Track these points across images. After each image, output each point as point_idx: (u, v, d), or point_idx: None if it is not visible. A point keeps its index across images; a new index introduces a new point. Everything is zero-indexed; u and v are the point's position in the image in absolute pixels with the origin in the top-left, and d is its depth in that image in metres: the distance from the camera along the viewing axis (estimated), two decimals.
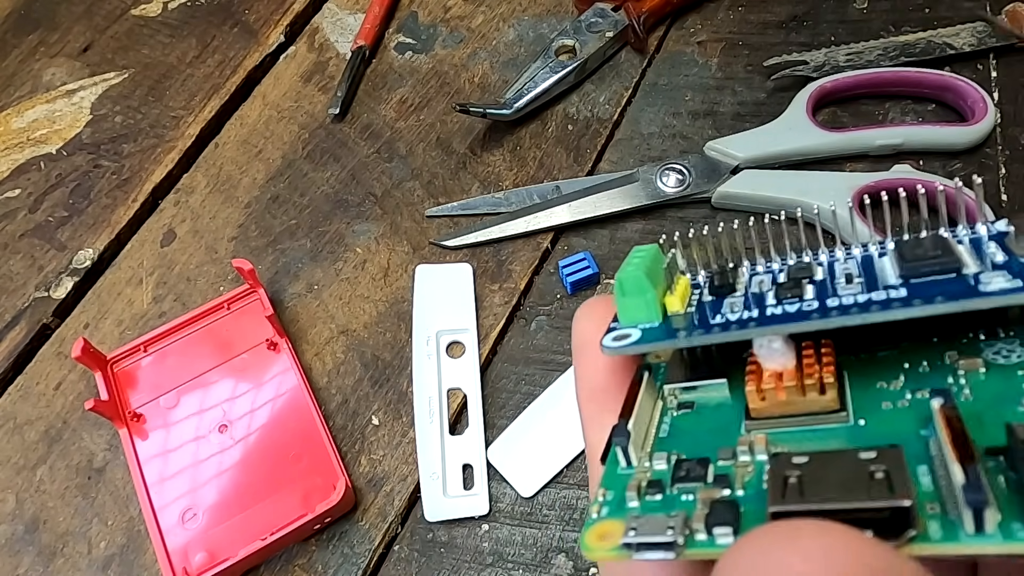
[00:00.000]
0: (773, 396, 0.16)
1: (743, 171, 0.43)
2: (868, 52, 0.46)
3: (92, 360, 0.39)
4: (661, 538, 0.14)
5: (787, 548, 0.12)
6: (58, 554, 0.37)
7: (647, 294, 0.17)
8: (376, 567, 0.36)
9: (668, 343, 0.17)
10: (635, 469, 0.16)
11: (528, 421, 0.38)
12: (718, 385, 0.17)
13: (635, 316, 0.17)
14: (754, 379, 0.16)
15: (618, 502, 0.16)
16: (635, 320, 0.17)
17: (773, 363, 0.16)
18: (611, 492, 0.16)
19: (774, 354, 0.16)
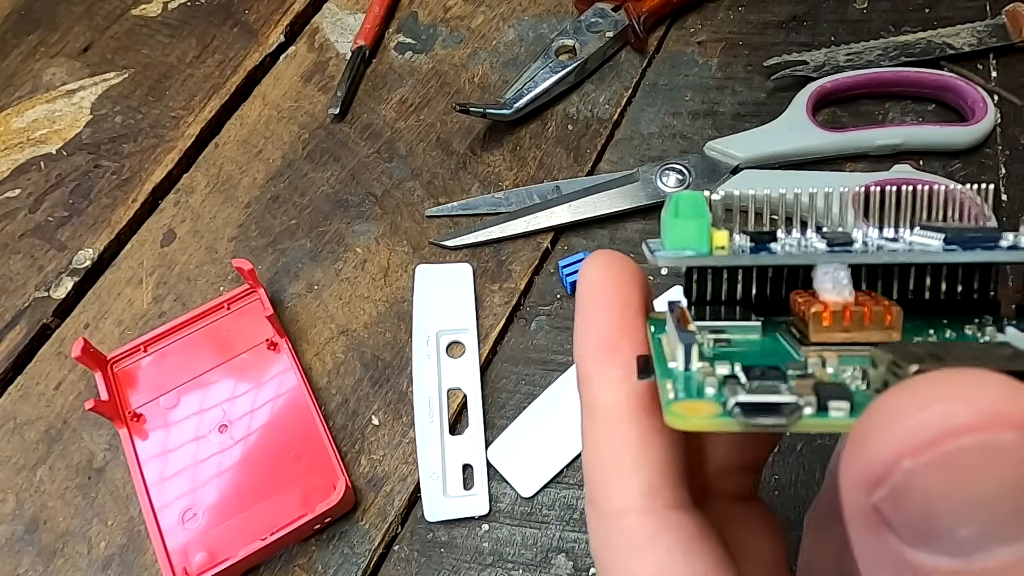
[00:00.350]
0: (839, 321, 0.16)
1: (743, 171, 0.43)
2: (868, 52, 0.46)
3: (92, 360, 0.39)
4: (780, 398, 0.13)
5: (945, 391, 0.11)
6: (58, 554, 0.37)
7: (702, 219, 0.17)
8: (376, 567, 0.36)
9: (733, 260, 0.16)
10: (695, 371, 0.15)
11: (528, 421, 0.38)
12: (752, 327, 0.17)
13: (684, 239, 0.17)
14: (818, 305, 0.16)
15: (696, 388, 0.15)
16: (682, 244, 0.17)
17: (835, 293, 0.16)
18: (679, 383, 0.15)
19: (838, 284, 0.16)
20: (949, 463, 0.11)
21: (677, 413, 0.14)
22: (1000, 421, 0.11)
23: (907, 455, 0.11)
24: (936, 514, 0.11)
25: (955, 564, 0.12)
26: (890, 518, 0.12)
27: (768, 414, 0.14)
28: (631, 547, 0.17)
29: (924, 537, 0.12)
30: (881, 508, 0.12)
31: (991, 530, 0.11)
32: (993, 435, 0.11)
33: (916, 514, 0.12)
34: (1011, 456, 0.11)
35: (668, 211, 0.17)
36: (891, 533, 0.12)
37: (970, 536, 0.11)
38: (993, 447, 0.11)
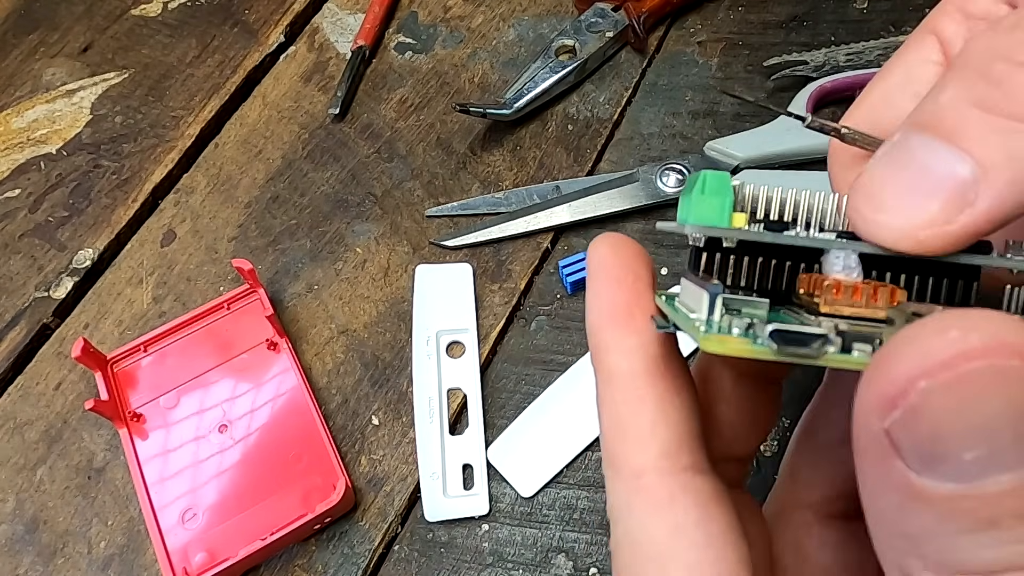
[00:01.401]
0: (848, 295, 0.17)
1: (743, 171, 0.43)
2: (868, 52, 0.46)
3: (92, 360, 0.39)
4: (811, 329, 0.15)
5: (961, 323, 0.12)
6: (58, 554, 0.37)
7: (726, 197, 0.18)
8: (376, 567, 0.36)
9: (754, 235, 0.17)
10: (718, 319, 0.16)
11: (528, 421, 0.38)
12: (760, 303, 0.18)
13: (706, 216, 0.18)
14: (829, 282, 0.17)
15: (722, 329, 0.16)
16: (704, 220, 0.18)
17: (844, 275, 0.17)
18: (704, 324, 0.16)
19: (848, 267, 0.17)
20: (961, 384, 0.12)
21: (711, 340, 0.15)
22: (1007, 350, 0.12)
23: (924, 375, 0.12)
24: (944, 437, 0.12)
25: (957, 489, 0.13)
26: (900, 442, 0.13)
27: (799, 344, 0.15)
28: (650, 507, 0.18)
29: (931, 461, 0.13)
30: (892, 431, 0.13)
31: (993, 456, 0.12)
32: (1002, 360, 0.12)
33: (926, 437, 0.13)
34: (1014, 381, 0.12)
35: (695, 188, 0.18)
36: (898, 459, 0.13)
37: (974, 460, 0.12)
38: (1000, 371, 0.12)
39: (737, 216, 0.18)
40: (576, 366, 0.39)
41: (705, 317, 0.16)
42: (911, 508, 0.13)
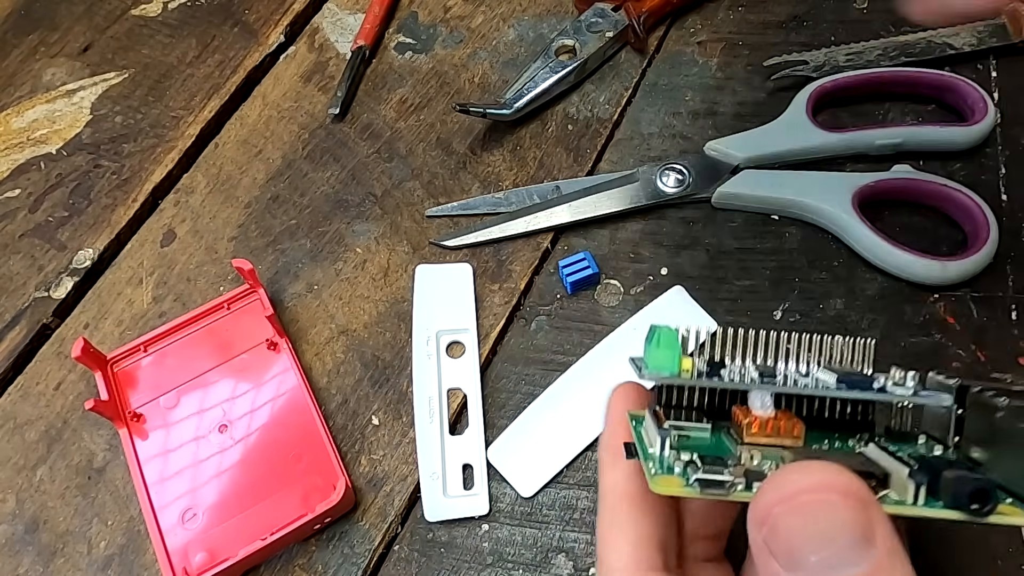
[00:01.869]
0: (763, 430, 0.23)
1: (743, 171, 0.43)
2: (868, 52, 0.46)
3: (92, 360, 0.39)
4: (723, 478, 0.21)
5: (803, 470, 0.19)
6: (58, 554, 0.37)
7: (676, 350, 0.23)
8: (376, 567, 0.36)
9: (694, 382, 0.23)
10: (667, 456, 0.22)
11: (528, 421, 0.38)
12: (703, 428, 0.24)
13: (661, 364, 0.23)
14: (750, 418, 0.23)
15: (668, 467, 0.22)
16: (660, 367, 0.23)
17: (761, 411, 0.24)
18: (656, 464, 0.22)
19: (764, 405, 0.24)
20: (799, 509, 0.18)
21: (658, 483, 0.22)
22: (828, 488, 0.19)
23: (776, 504, 0.19)
24: (795, 544, 0.18)
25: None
26: (771, 547, 0.19)
27: (716, 487, 0.21)
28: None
29: (792, 563, 0.19)
30: (765, 540, 0.19)
31: (831, 558, 0.18)
32: (825, 495, 0.18)
33: (783, 544, 0.19)
34: (836, 508, 0.18)
35: (651, 340, 0.23)
36: (773, 560, 0.19)
37: (818, 562, 0.18)
38: (825, 502, 0.18)
39: (685, 360, 0.23)
40: (576, 366, 0.39)
41: (658, 453, 0.22)
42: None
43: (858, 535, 0.18)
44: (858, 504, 0.18)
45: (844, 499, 0.18)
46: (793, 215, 0.42)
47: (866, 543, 0.18)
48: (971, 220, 0.40)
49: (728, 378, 0.23)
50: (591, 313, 0.41)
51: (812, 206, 0.41)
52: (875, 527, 0.18)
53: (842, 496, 0.18)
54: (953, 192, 0.40)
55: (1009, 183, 0.42)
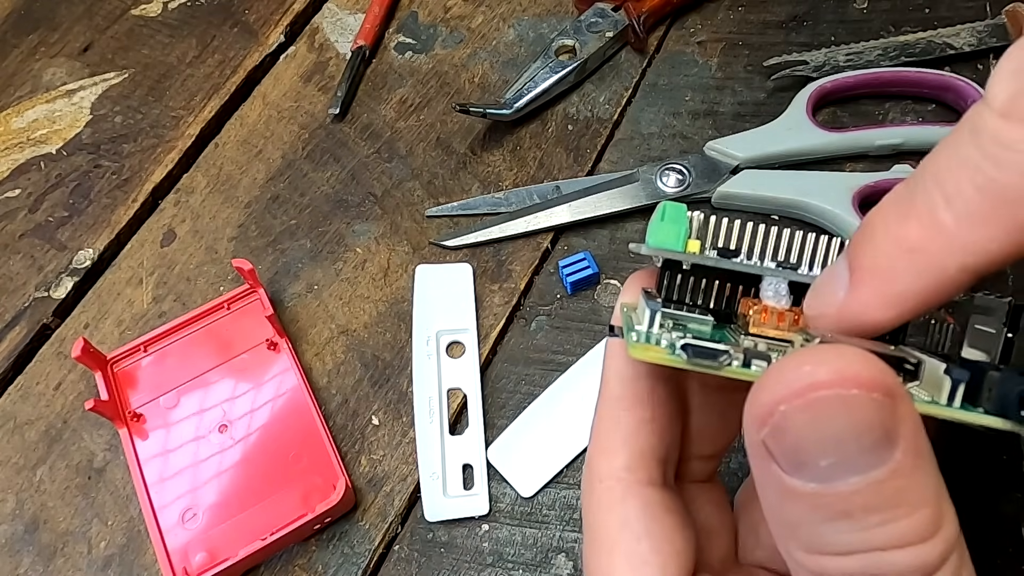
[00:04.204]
0: (773, 319, 0.20)
1: (743, 171, 0.43)
2: (868, 52, 0.46)
3: (92, 360, 0.39)
4: (717, 346, 0.18)
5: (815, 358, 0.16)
6: (58, 554, 0.37)
7: (681, 225, 0.20)
8: (376, 567, 0.36)
9: (698, 259, 0.21)
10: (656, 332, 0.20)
11: (528, 421, 0.38)
12: (705, 320, 0.21)
13: (664, 240, 0.21)
14: (758, 306, 0.20)
15: (653, 340, 0.19)
16: (663, 243, 0.21)
17: (774, 301, 0.20)
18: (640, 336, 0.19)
19: (778, 293, 0.20)
20: (811, 408, 0.15)
21: (638, 348, 0.18)
22: (849, 381, 0.15)
23: (782, 401, 0.16)
24: (802, 448, 0.16)
25: (818, 488, 0.16)
26: (772, 450, 0.16)
27: (707, 357, 0.18)
28: (605, 505, 0.22)
29: (796, 466, 0.16)
30: (766, 442, 0.16)
31: (843, 462, 0.16)
32: (844, 390, 0.15)
33: (789, 447, 0.16)
34: (855, 406, 0.15)
35: (655, 216, 0.21)
36: (773, 463, 0.16)
37: (829, 466, 0.16)
38: (842, 399, 0.15)
39: (692, 243, 0.21)
40: (576, 366, 0.39)
41: (644, 329, 0.19)
42: (786, 502, 0.17)
43: (878, 435, 0.15)
44: (883, 398, 0.15)
45: (867, 394, 0.15)
46: (793, 215, 0.42)
47: (888, 444, 0.16)
48: None
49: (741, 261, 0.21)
50: (591, 313, 0.41)
51: (812, 206, 0.41)
52: (899, 425, 0.16)
53: (865, 390, 0.15)
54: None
55: None
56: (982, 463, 0.34)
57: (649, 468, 0.23)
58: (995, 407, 0.17)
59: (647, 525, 0.22)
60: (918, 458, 0.16)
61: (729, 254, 0.21)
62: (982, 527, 0.33)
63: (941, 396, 0.18)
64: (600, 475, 0.23)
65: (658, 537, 0.22)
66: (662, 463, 0.23)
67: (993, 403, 0.18)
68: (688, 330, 0.21)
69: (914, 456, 0.16)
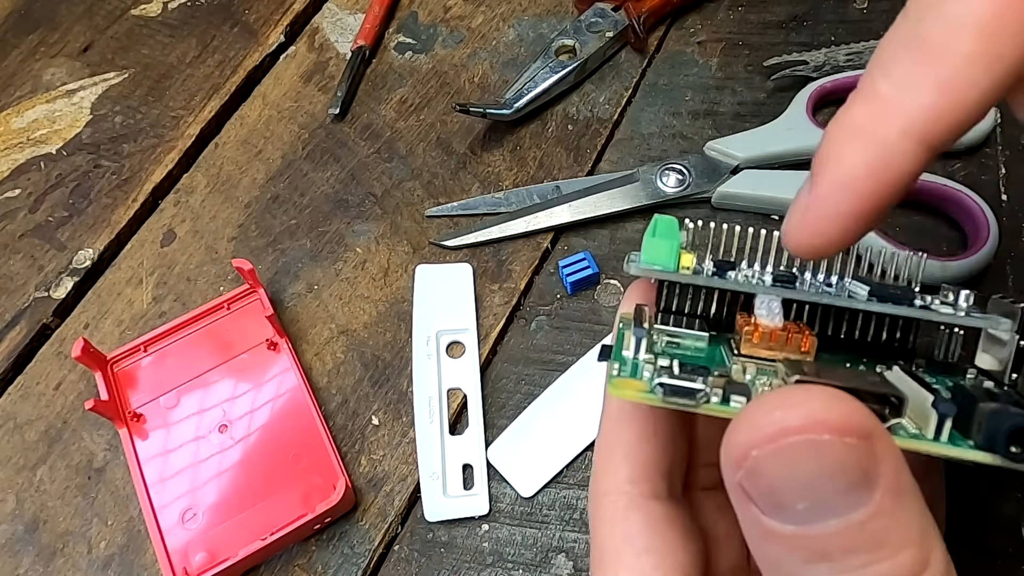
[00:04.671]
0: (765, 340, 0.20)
1: (743, 171, 0.43)
2: (868, 52, 0.46)
3: (92, 360, 0.39)
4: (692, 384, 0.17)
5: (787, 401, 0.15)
6: (58, 554, 0.37)
7: (674, 240, 0.20)
8: (376, 567, 0.36)
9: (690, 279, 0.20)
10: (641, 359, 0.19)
11: (528, 421, 0.38)
12: (701, 336, 0.21)
13: (656, 256, 0.20)
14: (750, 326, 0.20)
15: (637, 371, 0.18)
16: (655, 260, 0.20)
17: (767, 319, 0.20)
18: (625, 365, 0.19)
19: (771, 312, 0.20)
20: (782, 454, 0.15)
21: (616, 385, 0.18)
22: (820, 425, 0.15)
23: (754, 445, 0.16)
24: (778, 491, 0.16)
25: (796, 530, 0.16)
26: (749, 492, 0.16)
27: (683, 396, 0.17)
28: (608, 519, 0.22)
29: (773, 508, 0.16)
30: (742, 484, 0.16)
31: (821, 505, 0.15)
32: (815, 435, 0.15)
33: (764, 491, 0.16)
34: (827, 451, 0.15)
35: (648, 230, 0.20)
36: (752, 504, 0.16)
37: (805, 509, 0.15)
38: (813, 444, 0.15)
39: (686, 256, 0.20)
40: (576, 366, 0.39)
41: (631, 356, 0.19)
42: (765, 541, 0.17)
43: (855, 478, 0.15)
44: (857, 441, 0.15)
45: (839, 437, 0.15)
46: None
47: (866, 485, 0.15)
48: (971, 220, 0.40)
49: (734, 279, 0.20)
50: (591, 313, 0.41)
51: None
52: (878, 465, 0.15)
53: (837, 434, 0.15)
54: (953, 192, 0.40)
55: (1009, 183, 0.42)
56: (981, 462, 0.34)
57: (653, 481, 0.22)
58: (984, 442, 0.17)
59: (649, 540, 0.22)
60: (899, 498, 0.16)
61: (726, 266, 0.20)
62: (982, 527, 0.33)
63: (928, 430, 0.17)
64: (604, 489, 0.23)
65: (661, 552, 0.21)
66: (667, 475, 0.23)
67: (982, 437, 0.17)
68: (682, 347, 0.20)
69: (894, 496, 0.16)
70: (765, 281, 0.20)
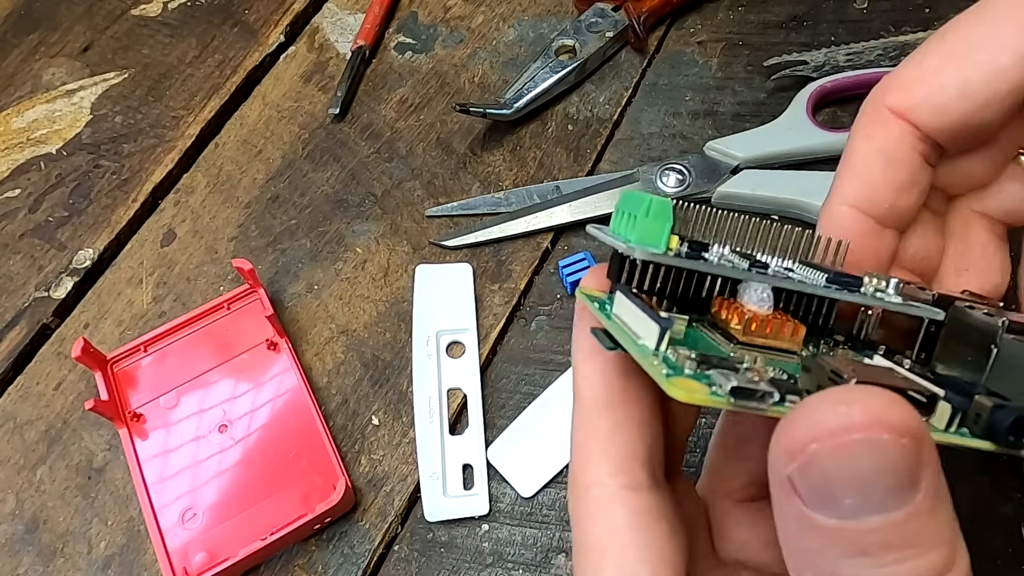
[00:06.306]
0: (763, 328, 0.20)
1: (743, 171, 0.43)
2: (868, 52, 0.46)
3: (92, 360, 0.39)
4: (757, 387, 0.18)
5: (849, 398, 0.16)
6: (58, 554, 0.37)
7: (667, 223, 0.20)
8: (376, 567, 0.36)
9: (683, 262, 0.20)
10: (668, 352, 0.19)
11: (528, 421, 0.38)
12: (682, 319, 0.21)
13: (646, 237, 0.20)
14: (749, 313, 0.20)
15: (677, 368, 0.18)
16: (644, 241, 0.20)
17: (759, 306, 0.20)
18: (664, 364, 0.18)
19: (763, 301, 0.20)
20: (842, 450, 0.16)
21: (678, 387, 0.18)
22: (880, 425, 0.16)
23: (815, 440, 0.16)
24: (829, 486, 0.16)
25: (839, 524, 0.16)
26: (797, 484, 0.16)
27: (751, 398, 0.18)
28: (590, 513, 0.22)
29: (819, 501, 0.16)
30: (792, 476, 0.16)
31: (866, 502, 0.16)
32: (875, 434, 0.16)
33: (816, 484, 0.16)
34: (885, 450, 0.16)
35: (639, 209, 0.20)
36: (797, 496, 0.17)
37: (852, 504, 0.16)
38: (874, 443, 0.16)
39: (673, 238, 0.20)
40: None
41: (652, 348, 0.19)
42: (805, 533, 0.17)
43: (903, 478, 0.16)
44: (911, 444, 0.16)
45: (897, 439, 0.16)
46: (793, 215, 0.42)
47: (911, 486, 0.16)
48: None
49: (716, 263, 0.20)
50: None
51: (812, 206, 0.41)
52: (922, 468, 0.16)
53: (896, 435, 0.16)
54: None
55: None
56: (982, 463, 0.34)
57: (632, 471, 0.22)
58: (985, 432, 0.18)
59: (634, 534, 0.22)
60: (936, 500, 0.17)
61: (699, 249, 0.21)
62: (982, 527, 0.33)
63: (940, 422, 0.19)
64: (585, 484, 0.22)
65: (646, 545, 0.21)
66: (646, 464, 0.23)
67: (984, 427, 0.18)
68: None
69: (933, 499, 0.16)
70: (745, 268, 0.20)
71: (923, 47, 0.25)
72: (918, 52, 0.25)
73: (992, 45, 0.23)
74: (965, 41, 0.24)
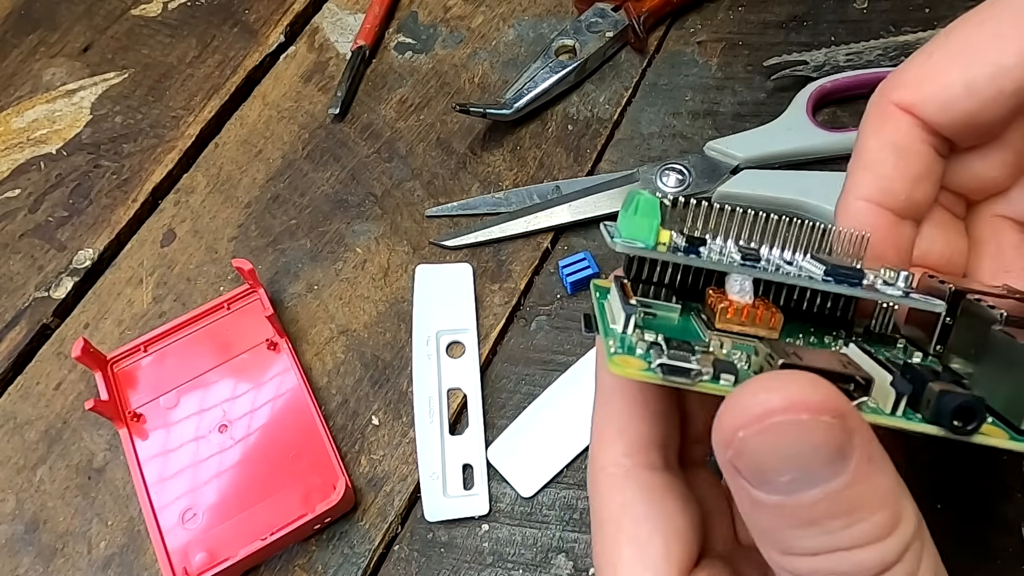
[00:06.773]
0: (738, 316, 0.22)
1: (743, 171, 0.43)
2: (868, 52, 0.46)
3: (92, 360, 0.39)
4: (689, 365, 0.19)
5: (770, 385, 0.17)
6: (58, 554, 0.37)
7: (654, 219, 0.21)
8: (376, 567, 0.36)
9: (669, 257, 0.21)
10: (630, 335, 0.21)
11: (528, 421, 0.38)
12: (672, 308, 0.23)
13: (636, 232, 0.21)
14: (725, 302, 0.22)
15: (630, 347, 0.20)
16: (635, 236, 0.21)
17: (739, 296, 0.22)
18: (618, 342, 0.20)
19: (743, 291, 0.22)
20: (766, 433, 0.17)
21: (617, 363, 0.19)
22: (799, 406, 0.17)
23: (742, 427, 0.17)
24: (763, 467, 0.18)
25: (782, 499, 0.18)
26: (739, 468, 0.18)
27: (679, 374, 0.19)
28: (607, 490, 0.24)
29: (760, 481, 0.18)
30: (732, 461, 0.18)
31: (803, 477, 0.17)
32: (794, 416, 0.17)
33: (752, 466, 0.18)
34: (806, 429, 0.17)
35: (629, 207, 0.21)
36: (741, 478, 0.18)
37: (789, 481, 0.17)
38: (794, 423, 0.17)
39: (662, 232, 0.21)
40: (576, 366, 0.39)
41: (620, 331, 0.20)
42: (756, 511, 0.19)
43: (832, 452, 0.17)
44: (833, 419, 0.17)
45: (816, 417, 0.17)
46: (793, 215, 0.42)
47: (842, 457, 0.17)
48: None
49: (707, 257, 0.21)
50: None
51: (812, 206, 0.41)
52: (851, 438, 0.17)
53: (814, 413, 0.17)
54: None
55: None
56: (982, 463, 0.34)
57: (648, 453, 0.24)
58: (932, 417, 0.19)
59: (648, 508, 0.23)
60: (871, 465, 0.18)
61: (697, 244, 0.22)
62: (982, 527, 0.33)
63: (886, 405, 0.19)
64: (601, 464, 0.24)
65: (660, 519, 0.23)
66: (660, 448, 0.24)
67: (931, 413, 0.19)
68: (656, 320, 0.22)
69: (867, 464, 0.18)
70: (736, 260, 0.21)
71: (928, 46, 0.25)
72: (923, 51, 0.26)
73: (997, 45, 0.24)
74: (970, 41, 0.25)
